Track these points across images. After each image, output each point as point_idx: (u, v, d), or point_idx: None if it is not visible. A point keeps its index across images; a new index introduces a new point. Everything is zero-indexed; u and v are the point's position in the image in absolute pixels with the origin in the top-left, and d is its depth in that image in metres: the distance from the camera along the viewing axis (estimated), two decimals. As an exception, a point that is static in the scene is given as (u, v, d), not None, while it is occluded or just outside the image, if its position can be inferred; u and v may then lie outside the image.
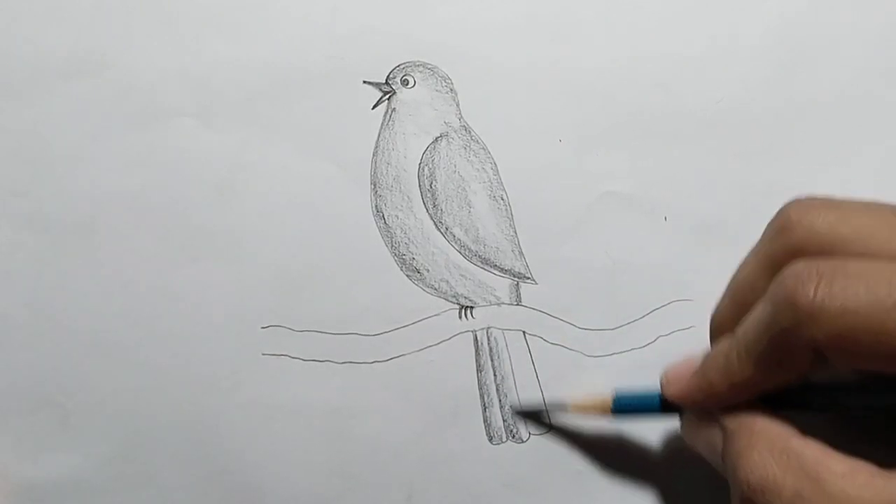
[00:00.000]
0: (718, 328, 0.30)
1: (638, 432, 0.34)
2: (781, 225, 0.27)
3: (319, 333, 0.35)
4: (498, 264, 0.35)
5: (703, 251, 0.35)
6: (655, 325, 0.35)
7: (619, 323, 0.35)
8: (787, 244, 0.26)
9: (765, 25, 0.37)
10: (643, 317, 0.35)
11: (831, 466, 0.24)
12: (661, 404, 0.31)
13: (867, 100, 0.37)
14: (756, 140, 0.36)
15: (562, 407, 0.34)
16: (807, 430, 0.26)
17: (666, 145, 0.36)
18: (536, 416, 0.35)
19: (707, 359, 0.29)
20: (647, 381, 0.35)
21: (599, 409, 0.33)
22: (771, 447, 0.25)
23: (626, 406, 0.32)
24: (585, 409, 0.33)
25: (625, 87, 0.36)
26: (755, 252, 0.28)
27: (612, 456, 0.34)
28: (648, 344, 0.35)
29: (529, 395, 0.35)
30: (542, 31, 0.36)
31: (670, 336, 0.35)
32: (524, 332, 0.35)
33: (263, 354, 0.35)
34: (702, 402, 0.29)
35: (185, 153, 0.36)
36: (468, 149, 0.36)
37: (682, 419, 0.31)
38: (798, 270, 0.24)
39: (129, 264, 0.35)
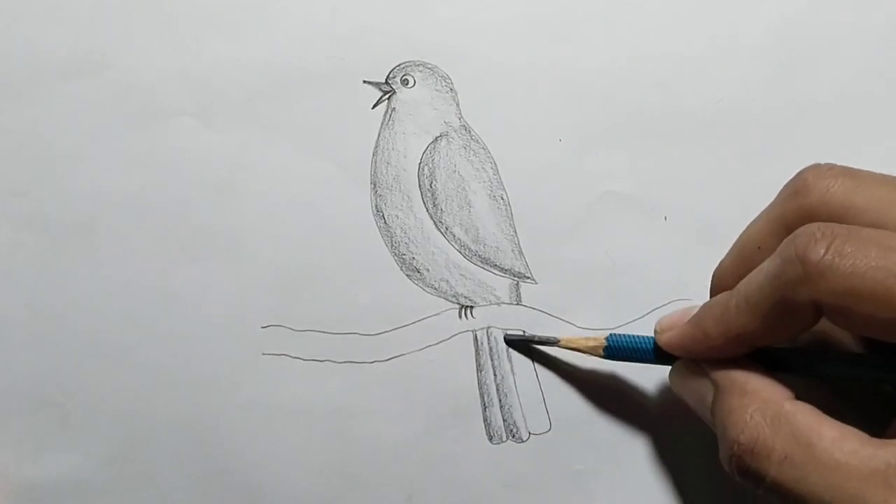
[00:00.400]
0: (720, 284, 0.30)
1: (639, 433, 0.34)
2: (797, 187, 0.27)
3: (319, 333, 0.35)
4: (498, 264, 0.35)
5: (703, 251, 0.35)
6: (655, 325, 0.35)
7: (619, 323, 0.35)
8: (801, 206, 0.26)
9: (765, 25, 0.37)
10: (643, 317, 0.35)
11: (822, 432, 0.24)
12: (653, 351, 0.31)
13: (867, 100, 0.37)
14: (756, 140, 0.36)
15: (553, 342, 0.34)
16: (799, 392, 0.26)
17: (666, 145, 0.36)
18: (525, 347, 0.34)
19: (704, 308, 0.29)
20: (646, 380, 0.35)
21: (591, 349, 0.33)
22: (763, 409, 0.25)
23: (618, 349, 0.32)
24: (576, 346, 0.33)
25: (625, 87, 0.36)
26: (767, 211, 0.28)
27: (612, 456, 0.34)
28: (648, 344, 0.35)
29: (529, 396, 0.35)
30: (542, 31, 0.37)
31: (670, 336, 0.35)
32: (524, 332, 0.35)
33: (263, 354, 0.35)
34: (694, 351, 0.29)
35: (185, 153, 0.36)
36: (468, 148, 0.36)
37: (671, 370, 0.31)
38: (812, 229, 0.25)
39: (129, 264, 0.35)
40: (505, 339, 0.35)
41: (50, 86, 0.36)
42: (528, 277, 0.35)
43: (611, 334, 0.32)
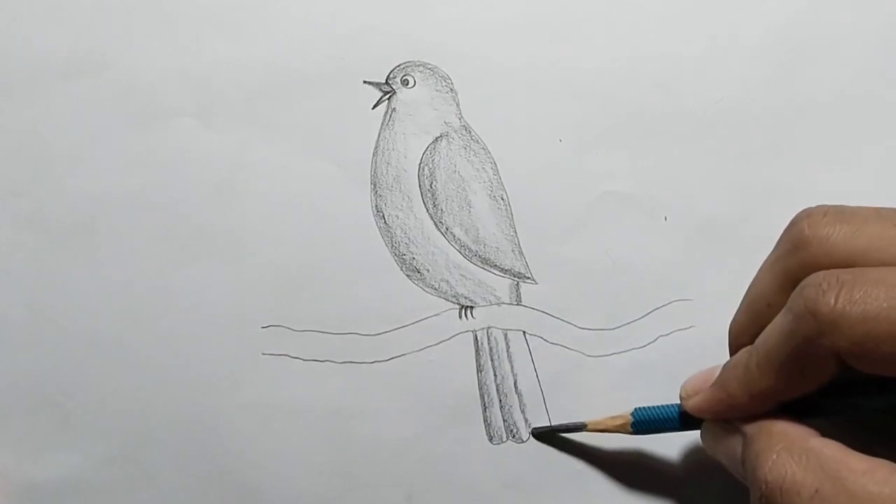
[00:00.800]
0: (736, 340, 0.30)
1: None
2: (796, 240, 0.27)
3: (319, 333, 0.35)
4: (498, 264, 0.35)
5: (703, 251, 0.35)
6: (655, 325, 0.35)
7: (619, 323, 0.35)
8: (803, 259, 0.26)
9: (765, 25, 0.37)
10: (643, 317, 0.35)
11: (851, 464, 0.24)
12: (680, 419, 0.31)
13: (867, 100, 0.37)
14: (756, 140, 0.36)
15: (579, 427, 0.34)
16: (824, 433, 0.26)
17: (666, 145, 0.36)
18: (553, 437, 0.34)
19: (726, 370, 0.29)
20: (647, 380, 0.35)
21: (619, 429, 0.32)
22: (790, 447, 0.25)
23: (645, 424, 0.32)
24: (604, 428, 0.33)
25: (625, 87, 0.36)
26: (770, 266, 0.28)
27: (612, 456, 0.34)
28: (648, 344, 0.35)
29: (530, 396, 0.35)
30: (542, 31, 0.36)
31: (670, 336, 0.35)
32: (524, 332, 0.35)
33: (263, 354, 0.35)
34: (722, 413, 0.29)
35: (185, 153, 0.36)
36: (468, 149, 0.36)
37: (702, 430, 0.31)
38: (818, 280, 0.24)
39: (129, 264, 0.35)
40: (532, 432, 0.35)
41: (50, 86, 0.36)
42: (528, 278, 0.35)
43: (636, 409, 0.32)
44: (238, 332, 0.35)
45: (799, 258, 0.26)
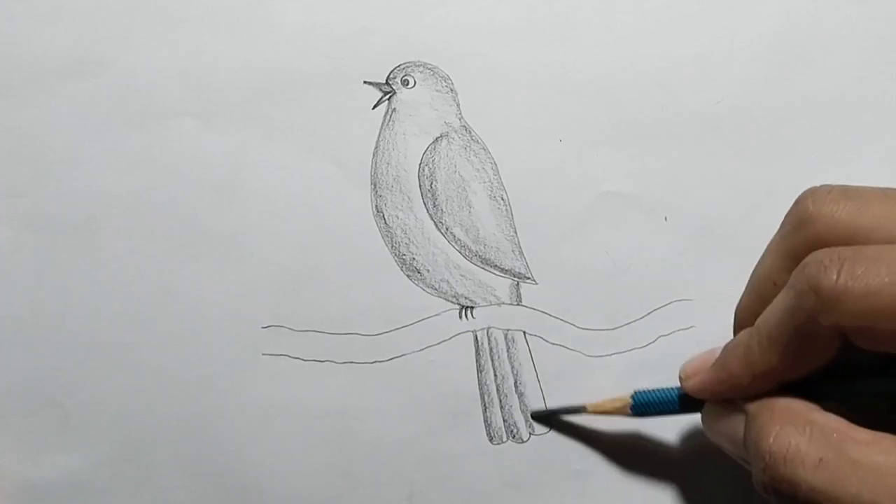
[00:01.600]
0: (741, 323, 0.30)
1: (638, 431, 0.34)
2: (801, 217, 0.27)
3: (319, 333, 0.35)
4: (498, 264, 0.35)
5: (703, 251, 0.35)
6: (655, 325, 0.35)
7: (619, 323, 0.35)
8: (808, 237, 0.26)
9: (765, 26, 0.37)
10: (643, 317, 0.35)
11: (854, 435, 0.24)
12: (679, 401, 0.31)
13: (867, 100, 0.37)
14: (756, 140, 0.36)
15: (579, 409, 0.34)
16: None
17: (666, 145, 0.36)
18: (551, 420, 0.34)
19: (727, 350, 0.28)
20: (647, 380, 0.35)
21: (618, 411, 0.32)
22: (793, 420, 0.25)
23: (645, 406, 0.32)
24: (604, 410, 0.33)
25: (625, 88, 0.36)
26: (775, 245, 0.28)
27: (613, 456, 0.34)
28: (649, 344, 0.35)
29: (530, 396, 0.35)
30: (542, 31, 0.36)
31: (670, 336, 0.35)
32: (524, 333, 0.35)
33: (263, 354, 0.35)
34: (722, 394, 0.28)
35: (185, 153, 0.36)
36: (468, 149, 0.36)
37: (703, 412, 0.30)
38: (820, 257, 0.24)
39: (129, 264, 0.35)
40: (532, 415, 0.35)
41: (49, 86, 0.36)
42: (529, 278, 0.35)
43: (636, 391, 0.32)
44: (238, 332, 0.35)
45: (803, 235, 0.26)
